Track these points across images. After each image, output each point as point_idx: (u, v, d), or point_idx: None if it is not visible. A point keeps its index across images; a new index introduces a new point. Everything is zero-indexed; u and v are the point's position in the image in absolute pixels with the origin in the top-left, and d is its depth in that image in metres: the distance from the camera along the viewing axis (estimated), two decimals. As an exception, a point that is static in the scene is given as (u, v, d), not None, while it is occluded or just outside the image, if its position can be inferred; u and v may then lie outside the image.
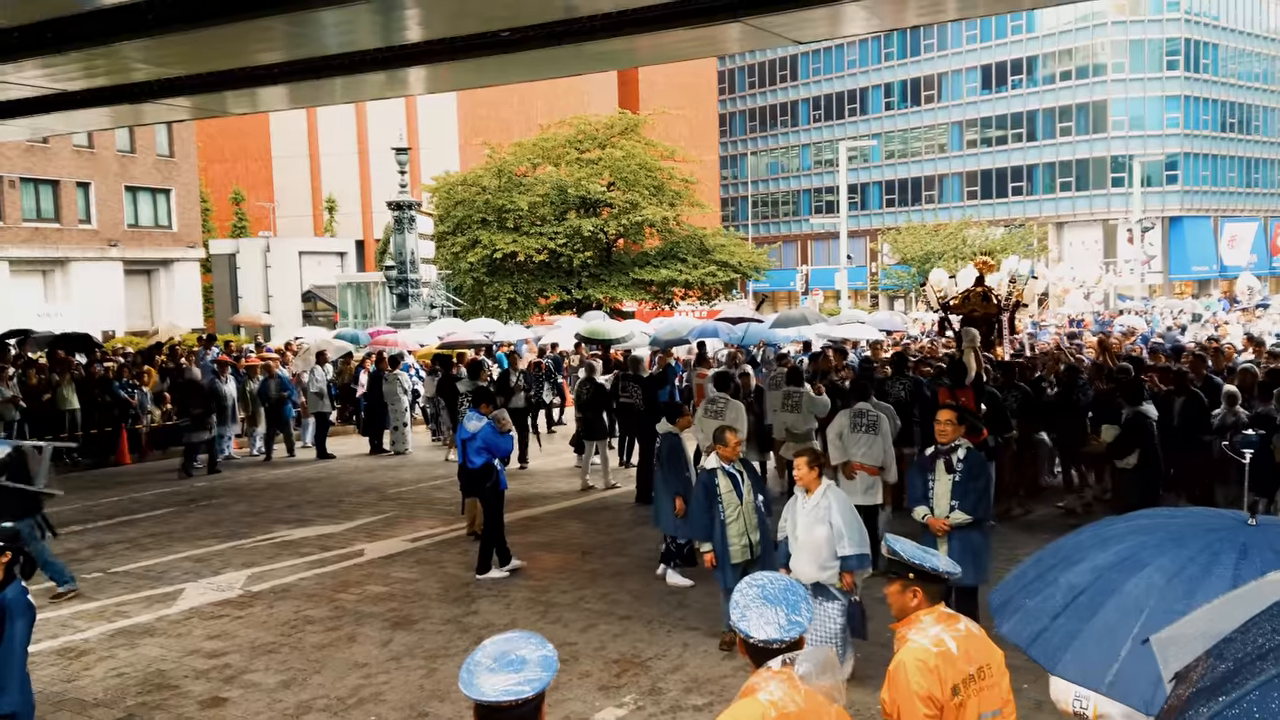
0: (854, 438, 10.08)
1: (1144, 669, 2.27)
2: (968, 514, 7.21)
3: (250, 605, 9.51)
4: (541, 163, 39.37)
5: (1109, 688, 2.37)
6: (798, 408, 12.37)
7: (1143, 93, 66.14)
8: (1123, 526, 2.86)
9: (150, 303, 42.35)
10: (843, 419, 10.26)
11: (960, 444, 7.35)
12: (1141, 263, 53.69)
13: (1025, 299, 17.54)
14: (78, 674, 7.79)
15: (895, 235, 61.46)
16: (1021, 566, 3.05)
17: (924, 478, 7.44)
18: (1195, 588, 2.31)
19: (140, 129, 39.65)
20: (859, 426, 10.09)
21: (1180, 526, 2.71)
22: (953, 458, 7.30)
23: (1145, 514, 3.04)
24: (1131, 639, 2.35)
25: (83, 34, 12.96)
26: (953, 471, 7.25)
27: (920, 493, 7.43)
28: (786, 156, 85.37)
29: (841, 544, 6.74)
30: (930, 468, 7.40)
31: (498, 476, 10.45)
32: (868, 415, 10.13)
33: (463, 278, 37.94)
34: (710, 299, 40.94)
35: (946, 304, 16.43)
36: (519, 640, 2.80)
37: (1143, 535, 2.70)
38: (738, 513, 7.80)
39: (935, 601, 3.88)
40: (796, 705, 3.12)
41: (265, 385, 18.15)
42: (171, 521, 13.30)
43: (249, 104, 19.70)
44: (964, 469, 7.23)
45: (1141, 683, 2.26)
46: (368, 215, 60.15)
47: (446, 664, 7.81)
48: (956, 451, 7.31)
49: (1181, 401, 11.11)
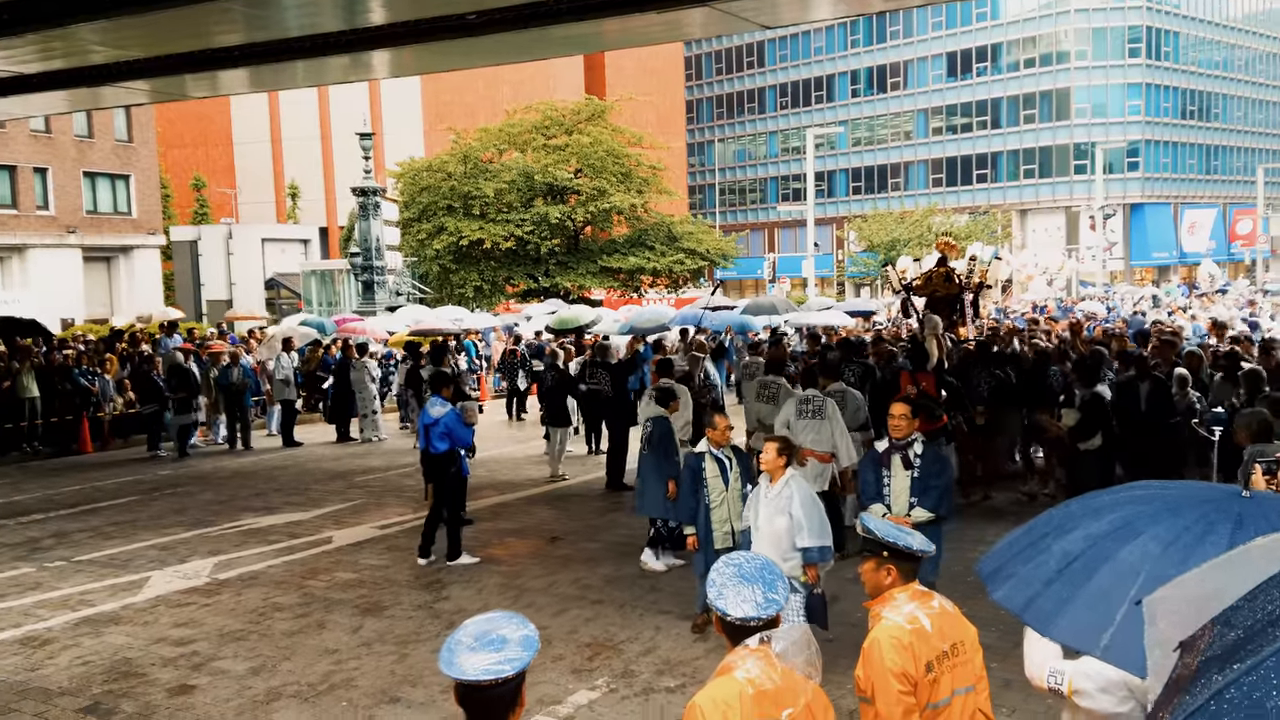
0: (801, 424, 9.90)
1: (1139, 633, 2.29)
2: (930, 511, 6.92)
3: (218, 593, 9.42)
4: (508, 149, 39.22)
5: (1104, 651, 2.39)
6: (774, 399, 11.88)
7: (1105, 80, 66.83)
8: (1115, 497, 2.88)
9: (110, 290, 41.73)
10: (789, 407, 10.13)
11: (916, 438, 7.04)
12: (1103, 249, 54.26)
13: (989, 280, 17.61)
14: (41, 663, 7.67)
15: (861, 223, 61.76)
16: (1012, 535, 3.07)
17: (877, 473, 7.11)
18: (1190, 555, 2.32)
19: (98, 113, 38.98)
20: (805, 413, 9.92)
21: (1174, 497, 2.74)
22: (909, 453, 7.00)
23: (1138, 485, 3.06)
24: (1127, 603, 2.37)
25: (39, 15, 12.74)
26: (910, 467, 6.96)
27: (874, 490, 7.08)
28: (754, 144, 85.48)
29: (801, 535, 6.57)
30: (885, 463, 7.07)
31: (460, 463, 10.37)
32: (813, 401, 9.96)
33: (429, 265, 37.75)
34: (678, 287, 40.99)
35: (909, 285, 16.46)
36: (500, 620, 2.78)
37: (1137, 505, 2.72)
38: (723, 499, 7.71)
39: (909, 579, 3.90)
40: (773, 682, 3.12)
41: (227, 373, 17.82)
42: (135, 510, 13.13)
43: (209, 87, 19.46)
44: (922, 464, 6.95)
45: (1136, 646, 2.28)
46: (331, 202, 59.63)
47: (418, 649, 7.77)
48: (913, 446, 7.01)
49: (1147, 386, 11.21)
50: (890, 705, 3.64)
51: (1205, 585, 1.73)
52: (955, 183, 72.94)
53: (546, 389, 15.39)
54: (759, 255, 70.89)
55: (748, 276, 70.74)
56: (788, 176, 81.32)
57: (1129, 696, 3.26)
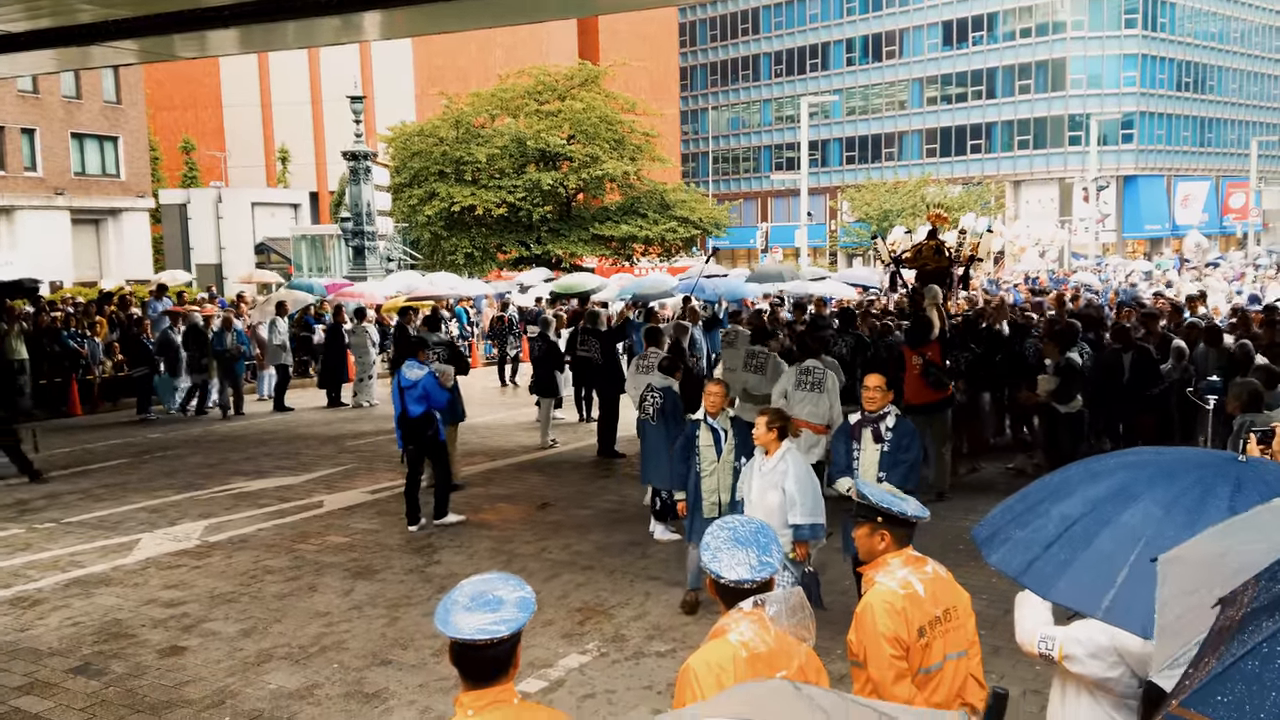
0: (798, 395, 9.85)
1: (1141, 595, 2.30)
2: (897, 486, 6.55)
3: (208, 555, 9.41)
4: (500, 114, 38.92)
5: (1105, 612, 2.40)
6: (762, 369, 11.78)
7: (1101, 51, 66.54)
8: (1112, 462, 2.88)
9: (99, 253, 41.49)
10: (788, 377, 10.09)
11: (889, 411, 6.91)
12: (1096, 221, 54.27)
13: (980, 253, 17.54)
14: (31, 624, 7.67)
15: (855, 193, 61.61)
16: (1006, 502, 3.07)
17: (848, 446, 6.97)
18: (1194, 518, 2.33)
19: (87, 74, 38.61)
20: (804, 384, 9.86)
21: (1170, 462, 2.74)
22: (881, 426, 6.86)
23: (1132, 451, 3.07)
24: (1129, 566, 2.37)
25: (26, -29, 12.54)
26: (881, 441, 6.80)
27: (844, 463, 6.96)
28: (748, 112, 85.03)
29: (794, 512, 6.44)
30: (856, 436, 6.93)
31: (437, 426, 10.41)
32: (813, 373, 9.89)
33: (420, 231, 37.56)
34: (670, 255, 40.87)
35: (898, 258, 16.33)
36: (497, 581, 2.78)
37: (1133, 470, 2.72)
38: (713, 469, 7.61)
39: (903, 545, 3.90)
40: (767, 645, 3.12)
41: (221, 337, 17.62)
42: (125, 472, 13.10)
43: (198, 48, 19.24)
44: (893, 439, 6.79)
45: (1138, 608, 2.29)
46: (322, 167, 59.20)
47: (409, 613, 7.78)
48: (885, 420, 6.88)
49: (1130, 356, 11.24)
50: (882, 669, 3.65)
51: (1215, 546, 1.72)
52: (949, 153, 72.73)
53: (534, 358, 15.33)
54: (752, 224, 70.80)
55: (740, 246, 70.58)
56: (781, 145, 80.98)
57: (1119, 662, 3.28)
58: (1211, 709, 1.33)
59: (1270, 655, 1.35)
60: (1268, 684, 1.31)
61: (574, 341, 15.51)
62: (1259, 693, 1.30)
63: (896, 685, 3.67)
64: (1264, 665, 1.34)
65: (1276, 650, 1.35)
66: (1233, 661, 1.38)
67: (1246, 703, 1.30)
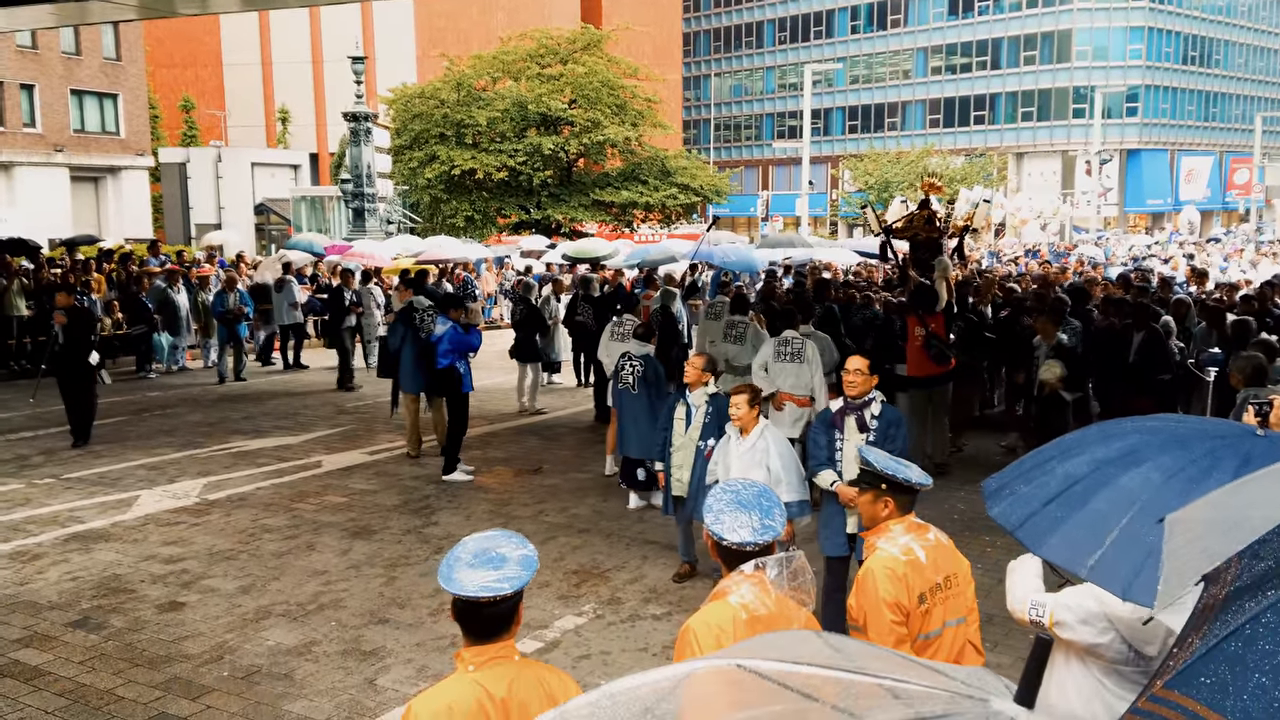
0: (779, 367, 9.62)
1: (1126, 557, 2.33)
2: None
3: (207, 513, 9.44)
4: (501, 77, 38.65)
5: (1089, 571, 2.42)
6: (741, 339, 11.35)
7: (1107, 23, 66.01)
8: (1129, 425, 2.89)
9: (98, 211, 41.30)
10: (767, 349, 9.85)
11: (874, 397, 6.33)
12: (1098, 195, 54.06)
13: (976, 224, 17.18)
14: (31, 577, 7.70)
15: (856, 162, 61.32)
16: (1021, 458, 3.09)
17: (829, 436, 6.35)
18: (1192, 488, 2.34)
19: (86, 30, 38.26)
20: (783, 355, 9.62)
21: (1187, 430, 2.75)
22: (865, 414, 6.27)
23: (1155, 417, 3.08)
24: (1119, 529, 2.39)
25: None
26: (866, 430, 6.19)
27: (825, 454, 6.31)
28: (750, 79, 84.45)
29: (780, 489, 6.09)
30: (839, 425, 6.33)
31: (461, 378, 10.63)
32: (792, 343, 9.66)
33: (420, 194, 37.39)
34: (671, 222, 40.73)
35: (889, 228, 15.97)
36: (500, 538, 2.79)
37: (1147, 435, 2.73)
38: (680, 444, 7.53)
39: (906, 512, 3.93)
40: (767, 609, 3.14)
41: (222, 298, 17.28)
42: (125, 430, 13.12)
43: (199, 4, 19.12)
44: (879, 428, 6.20)
45: (1122, 569, 2.32)
46: (322, 128, 58.85)
47: (406, 572, 7.83)
48: (870, 407, 6.28)
49: (1141, 336, 10.93)
50: (882, 635, 3.67)
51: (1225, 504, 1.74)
52: (953, 124, 72.30)
53: (515, 323, 15.19)
54: (753, 192, 70.46)
55: (740, 214, 70.29)
56: (784, 113, 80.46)
57: (1109, 628, 3.30)
58: (1195, 690, 1.33)
59: (1253, 637, 1.35)
60: (1250, 666, 1.31)
61: (573, 307, 15.51)
62: (1242, 674, 1.31)
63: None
64: (1246, 647, 1.34)
65: (1259, 631, 1.35)
66: (1216, 643, 1.38)
67: (1230, 684, 1.31)
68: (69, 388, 12.10)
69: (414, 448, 11.69)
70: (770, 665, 1.46)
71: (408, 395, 11.78)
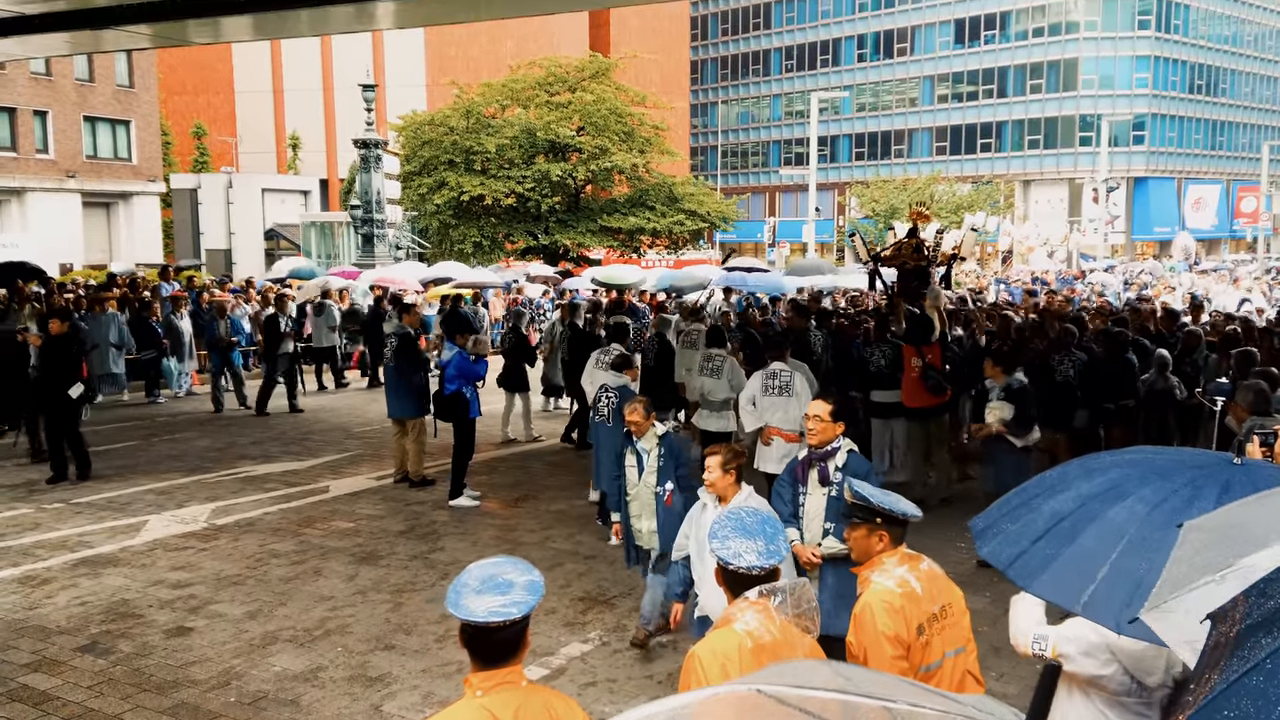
0: (768, 401, 9.18)
1: (1117, 591, 2.36)
2: (841, 541, 5.16)
3: (215, 538, 9.48)
4: (510, 104, 38.91)
5: (1083, 607, 2.45)
6: (718, 373, 10.91)
7: (1113, 52, 66.32)
8: (1108, 459, 2.94)
9: (109, 236, 41.57)
10: (755, 383, 9.42)
11: (839, 446, 5.64)
12: (1105, 222, 54.10)
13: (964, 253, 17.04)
14: (39, 602, 7.74)
15: (863, 189, 61.48)
16: (1005, 496, 3.13)
17: (793, 491, 5.72)
18: (1176, 517, 2.38)
19: (100, 57, 38.63)
20: (771, 389, 9.18)
21: (1165, 462, 2.79)
22: (829, 466, 5.60)
23: (1132, 450, 3.12)
24: (1109, 563, 2.43)
25: (42, -46, 12.57)
26: (828, 484, 5.56)
27: (789, 510, 5.65)
28: (757, 106, 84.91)
29: None
30: (802, 478, 5.70)
31: (469, 404, 10.72)
32: (780, 377, 9.21)
33: (428, 219, 37.60)
34: (678, 248, 40.87)
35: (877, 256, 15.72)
36: (506, 565, 2.85)
37: (1128, 468, 2.78)
38: (636, 493, 6.95)
39: (898, 544, 3.92)
40: (772, 635, 3.17)
41: (213, 326, 16.91)
42: (133, 454, 13.18)
43: (211, 34, 19.24)
44: (841, 481, 5.37)
45: (1114, 603, 2.36)
46: (332, 154, 59.23)
47: (413, 598, 7.85)
48: (834, 457, 5.60)
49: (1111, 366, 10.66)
50: (884, 669, 3.62)
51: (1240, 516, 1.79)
52: (959, 151, 72.55)
53: (504, 350, 15.09)
54: (759, 219, 70.63)
55: (748, 240, 70.49)
56: (790, 140, 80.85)
57: (1112, 660, 3.31)
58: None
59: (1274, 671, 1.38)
60: (1273, 699, 1.34)
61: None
62: (1265, 708, 1.34)
63: (898, 685, 3.68)
64: (1269, 680, 1.37)
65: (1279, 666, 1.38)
66: (1236, 678, 1.41)
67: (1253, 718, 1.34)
68: (51, 420, 11.59)
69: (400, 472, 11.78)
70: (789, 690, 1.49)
71: (393, 419, 11.87)
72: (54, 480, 11.50)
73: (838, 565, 5.41)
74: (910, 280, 13.22)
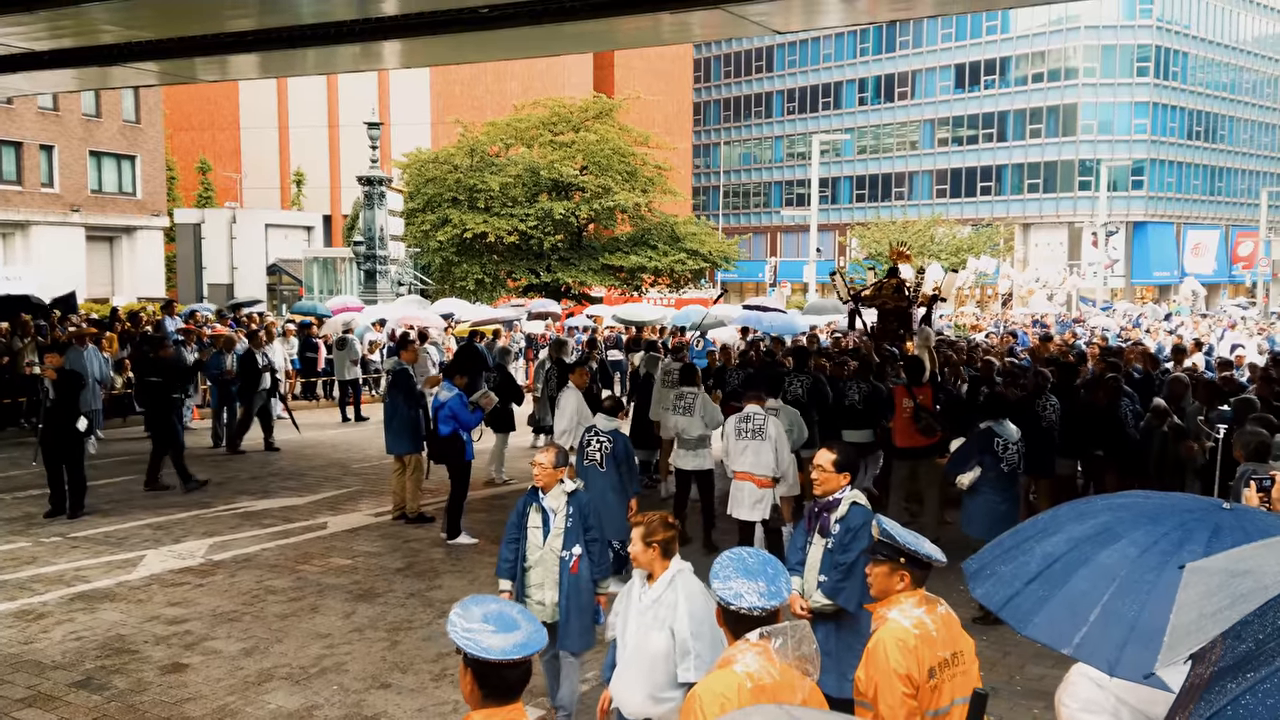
0: (739, 446, 8.97)
1: (1110, 634, 2.38)
2: (827, 597, 5.27)
3: (212, 574, 9.45)
4: (514, 143, 39.23)
5: (1075, 648, 2.47)
6: (690, 410, 10.80)
7: (1112, 98, 66.91)
8: (1100, 504, 2.96)
9: (112, 270, 41.75)
10: (729, 426, 9.24)
11: (842, 497, 5.38)
12: (1104, 266, 54.33)
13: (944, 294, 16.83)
14: (35, 636, 7.70)
15: (864, 230, 61.81)
16: (999, 538, 3.14)
17: (803, 540, 5.57)
18: (1167, 560, 2.40)
19: (107, 93, 39.02)
20: (743, 433, 8.98)
21: (1156, 506, 2.82)
22: (831, 517, 5.37)
23: (1123, 494, 3.14)
24: (1101, 606, 2.45)
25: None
26: (827, 535, 5.35)
27: (797, 558, 5.52)
28: (759, 148, 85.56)
29: (685, 665, 4.37)
30: (810, 528, 5.53)
31: (464, 446, 10.75)
32: (753, 419, 8.99)
33: (431, 256, 37.77)
34: (679, 287, 41.05)
35: (858, 295, 15.53)
36: (489, 601, 2.95)
37: (1119, 511, 2.80)
38: (538, 557, 6.00)
39: (919, 586, 3.91)
40: (772, 678, 3.18)
41: (217, 360, 16.65)
42: (132, 488, 13.16)
43: (218, 71, 19.44)
44: (838, 534, 5.29)
45: (1107, 646, 2.37)
46: (336, 190, 59.62)
47: (409, 636, 7.81)
48: (837, 509, 5.36)
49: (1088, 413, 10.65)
50: (894, 707, 3.63)
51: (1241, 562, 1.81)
52: (959, 194, 73.02)
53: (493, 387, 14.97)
54: (761, 259, 70.95)
55: (749, 280, 70.80)
56: (792, 181, 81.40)
57: (1120, 705, 3.27)
58: None
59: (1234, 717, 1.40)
60: None
61: None
62: None
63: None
64: None
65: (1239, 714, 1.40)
66: None
67: None
68: (54, 455, 11.43)
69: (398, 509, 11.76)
70: None
71: (393, 455, 11.88)
72: (51, 514, 11.45)
73: (826, 622, 5.31)
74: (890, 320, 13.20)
